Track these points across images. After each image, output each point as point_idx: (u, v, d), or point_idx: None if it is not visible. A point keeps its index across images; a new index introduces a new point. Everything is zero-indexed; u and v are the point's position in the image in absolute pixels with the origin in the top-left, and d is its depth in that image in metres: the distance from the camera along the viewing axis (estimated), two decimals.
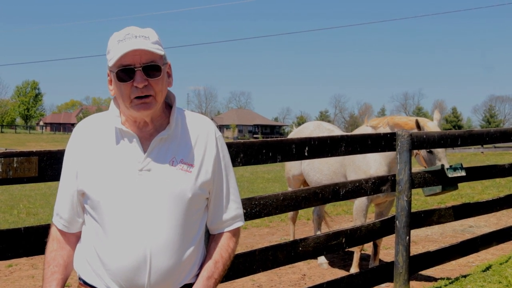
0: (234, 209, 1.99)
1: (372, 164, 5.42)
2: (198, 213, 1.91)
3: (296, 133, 6.76)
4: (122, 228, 1.79)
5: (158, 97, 1.81)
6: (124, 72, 1.77)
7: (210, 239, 2.01)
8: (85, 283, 1.88)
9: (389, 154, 5.31)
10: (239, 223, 2.02)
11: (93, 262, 1.85)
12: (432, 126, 5.21)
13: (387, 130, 5.36)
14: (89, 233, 1.88)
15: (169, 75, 1.90)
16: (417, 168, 5.24)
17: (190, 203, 1.84)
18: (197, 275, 1.92)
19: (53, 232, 1.96)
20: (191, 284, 1.90)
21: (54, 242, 1.95)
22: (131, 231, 1.78)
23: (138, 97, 1.77)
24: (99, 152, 1.84)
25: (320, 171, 5.96)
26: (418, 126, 5.13)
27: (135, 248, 1.78)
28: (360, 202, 5.54)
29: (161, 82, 1.81)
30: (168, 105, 1.94)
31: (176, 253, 1.82)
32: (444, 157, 5.10)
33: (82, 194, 1.87)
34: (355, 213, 5.66)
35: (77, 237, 1.95)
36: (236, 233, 2.02)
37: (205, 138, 1.91)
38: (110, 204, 1.80)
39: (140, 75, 1.76)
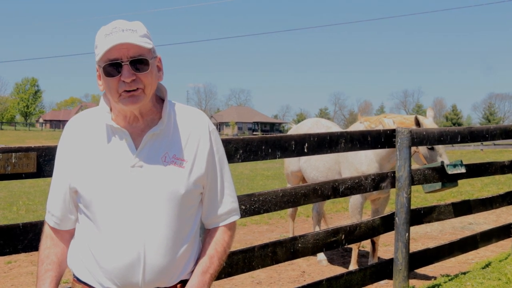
0: (229, 203, 1.96)
1: (363, 161, 5.45)
2: (192, 209, 1.88)
3: (294, 130, 6.78)
4: (115, 226, 1.76)
5: (147, 90, 1.77)
6: (111, 67, 1.73)
7: (205, 233, 1.99)
8: (79, 280, 1.86)
9: (380, 152, 5.33)
10: (235, 217, 1.99)
11: (87, 260, 1.83)
12: (429, 123, 5.21)
13: (379, 128, 5.36)
14: (82, 231, 1.86)
15: (159, 69, 1.86)
16: (416, 165, 5.24)
17: (184, 199, 1.81)
18: (193, 270, 1.89)
19: (46, 229, 1.94)
20: (187, 281, 1.88)
21: (47, 239, 1.92)
22: (124, 229, 1.76)
23: (126, 91, 1.74)
24: (90, 149, 1.82)
25: (316, 168, 5.99)
26: (417, 123, 5.12)
27: (129, 246, 1.76)
28: (354, 199, 5.57)
29: (150, 76, 1.78)
30: (160, 99, 1.91)
31: (171, 250, 1.80)
32: (445, 153, 5.10)
33: (74, 192, 1.84)
34: (350, 211, 5.69)
35: (70, 234, 1.93)
36: (231, 227, 1.99)
37: (198, 132, 1.87)
38: (102, 202, 1.77)
39: (127, 70, 1.72)
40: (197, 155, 1.85)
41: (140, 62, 1.74)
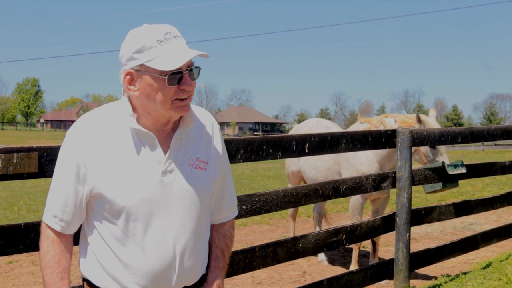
0: (232, 198, 2.06)
1: (364, 161, 5.45)
2: (208, 207, 1.95)
3: (295, 131, 6.79)
4: (150, 232, 1.77)
5: (192, 97, 1.81)
6: (173, 75, 1.72)
7: (212, 229, 2.02)
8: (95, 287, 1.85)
9: (380, 152, 5.34)
10: (236, 213, 2.09)
11: (112, 267, 1.80)
12: (432, 122, 5.22)
13: (381, 128, 5.36)
14: (104, 238, 1.81)
15: None
16: (417, 165, 5.24)
17: (207, 200, 1.89)
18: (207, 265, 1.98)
19: (50, 234, 1.84)
20: (203, 276, 1.95)
21: (54, 245, 1.84)
22: (159, 234, 1.78)
23: (180, 99, 1.75)
24: (115, 154, 1.76)
25: (315, 168, 5.99)
26: (419, 120, 5.15)
27: (165, 251, 1.79)
28: (355, 200, 5.57)
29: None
30: None
31: (197, 251, 1.87)
32: (445, 153, 5.11)
33: (92, 197, 1.79)
34: (350, 211, 5.69)
35: (72, 237, 1.90)
36: (233, 221, 2.10)
37: (210, 132, 1.93)
38: (135, 208, 1.75)
39: (188, 79, 1.74)
40: (214, 155, 1.91)
41: (192, 70, 1.77)
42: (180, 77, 1.72)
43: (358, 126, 5.73)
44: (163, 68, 1.69)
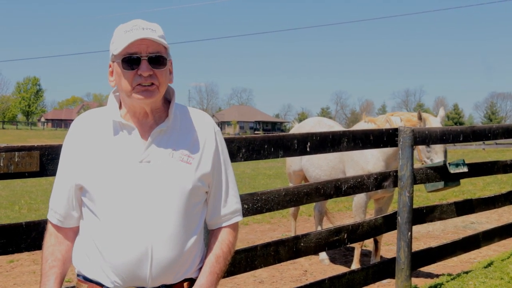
0: (233, 203, 2.00)
1: (370, 160, 5.44)
2: (198, 206, 1.90)
3: (296, 129, 6.77)
4: (123, 221, 1.78)
5: (161, 88, 1.82)
6: (129, 60, 1.78)
7: (210, 234, 2.01)
8: (85, 278, 1.86)
9: (387, 151, 5.32)
10: (238, 218, 2.02)
11: (94, 256, 1.83)
12: (433, 120, 5.21)
13: (387, 126, 5.36)
14: (88, 227, 1.86)
15: (170, 72, 1.91)
16: (418, 164, 5.23)
17: (190, 195, 1.84)
18: (199, 269, 1.92)
19: (50, 227, 1.94)
20: (193, 279, 1.90)
21: (51, 237, 1.93)
22: (132, 223, 1.77)
23: (141, 85, 1.78)
24: (98, 146, 1.84)
25: (319, 166, 5.98)
26: (420, 117, 5.15)
27: (136, 241, 1.77)
28: (359, 198, 5.56)
29: (165, 74, 1.83)
30: (167, 101, 1.95)
31: (177, 246, 1.82)
32: (441, 152, 5.09)
33: (80, 189, 1.85)
34: (354, 210, 5.67)
35: (74, 232, 1.93)
36: (235, 227, 2.03)
37: (204, 132, 1.92)
38: (109, 196, 1.78)
39: (145, 64, 1.77)
40: (204, 152, 1.89)
41: (157, 59, 1.80)
42: (137, 63, 1.77)
43: (363, 126, 5.72)
44: (114, 52, 1.79)
